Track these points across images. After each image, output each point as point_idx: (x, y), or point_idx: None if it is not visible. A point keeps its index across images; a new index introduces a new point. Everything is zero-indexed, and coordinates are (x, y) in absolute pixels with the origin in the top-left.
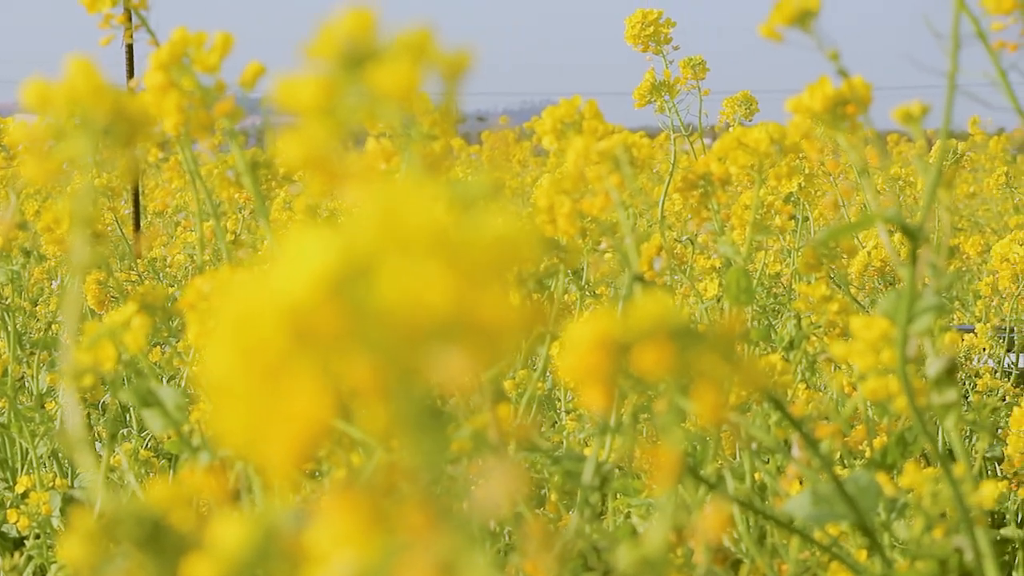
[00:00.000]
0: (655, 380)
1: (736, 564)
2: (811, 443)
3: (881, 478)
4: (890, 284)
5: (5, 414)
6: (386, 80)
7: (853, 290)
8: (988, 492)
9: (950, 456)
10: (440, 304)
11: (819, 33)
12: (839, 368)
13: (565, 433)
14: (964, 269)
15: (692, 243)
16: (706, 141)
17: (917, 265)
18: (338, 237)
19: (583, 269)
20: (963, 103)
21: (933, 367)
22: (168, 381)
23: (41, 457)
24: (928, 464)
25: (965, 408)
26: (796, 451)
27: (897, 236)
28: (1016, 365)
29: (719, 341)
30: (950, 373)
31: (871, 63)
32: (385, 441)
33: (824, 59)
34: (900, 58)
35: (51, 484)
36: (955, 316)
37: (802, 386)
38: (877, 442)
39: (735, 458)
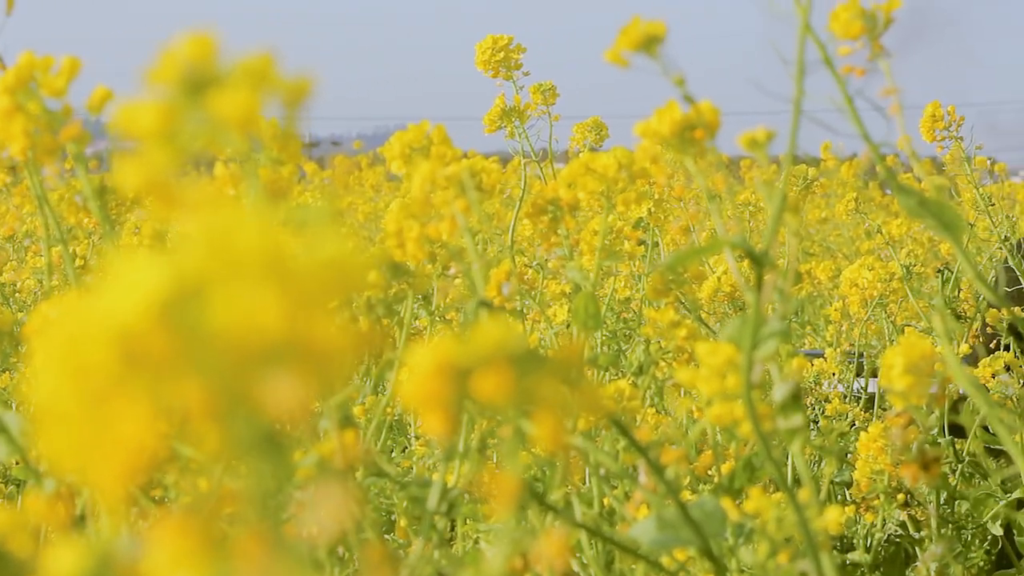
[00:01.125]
0: (496, 406)
1: None
2: (656, 469)
3: (727, 503)
4: (740, 309)
5: None
6: (226, 106)
7: (704, 315)
8: (833, 517)
9: (811, 481)
10: (271, 328)
11: (665, 58)
12: (687, 393)
13: (415, 458)
14: (815, 294)
15: (543, 268)
16: (559, 166)
17: (763, 291)
18: (170, 260)
19: (433, 294)
20: (814, 129)
21: (779, 392)
22: (17, 407)
23: None
24: (777, 489)
25: (814, 433)
26: (643, 477)
27: (745, 262)
28: (865, 390)
29: (559, 367)
30: (795, 398)
31: (724, 88)
32: (219, 466)
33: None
34: (750, 83)
35: None
36: (806, 341)
37: (651, 411)
38: (725, 467)
39: (584, 483)
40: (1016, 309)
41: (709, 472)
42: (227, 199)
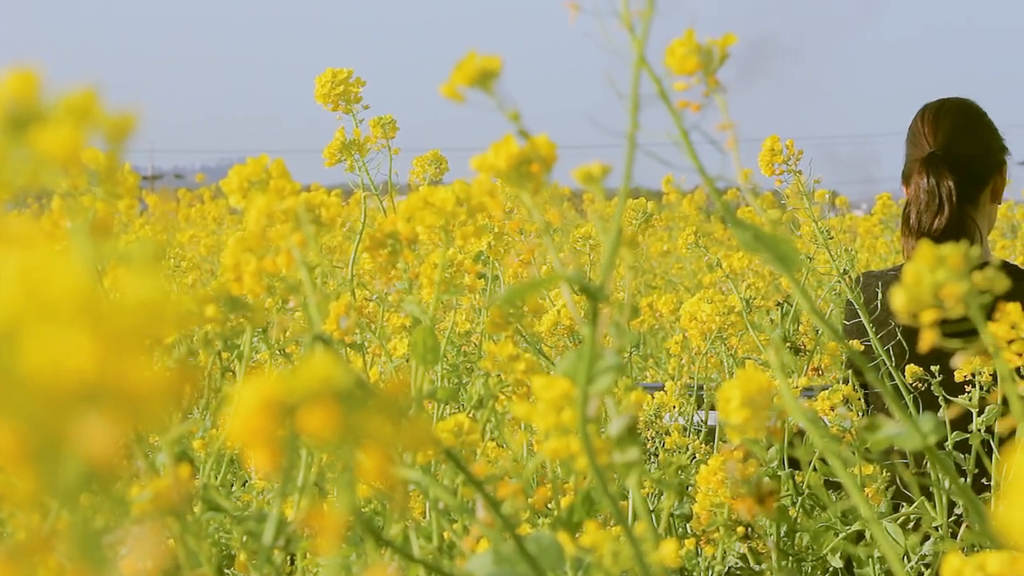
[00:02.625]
0: (323, 442)
1: None
2: (493, 503)
3: (564, 537)
4: (581, 343)
5: None
6: (49, 142)
7: (545, 349)
8: (669, 550)
9: (648, 514)
10: (82, 370)
11: (501, 93)
12: (525, 427)
13: (254, 493)
14: (657, 327)
15: (383, 302)
16: (402, 199)
17: (598, 325)
18: None
19: (272, 328)
20: (655, 162)
21: (615, 426)
22: None
23: None
24: (618, 523)
25: (655, 466)
26: (480, 511)
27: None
28: (705, 423)
29: (387, 402)
30: (631, 432)
31: (566, 122)
32: (35, 506)
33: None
34: (585, 118)
35: None
36: (648, 374)
37: (492, 445)
38: (565, 500)
39: (425, 517)
40: (854, 343)
41: (549, 506)
42: (48, 236)
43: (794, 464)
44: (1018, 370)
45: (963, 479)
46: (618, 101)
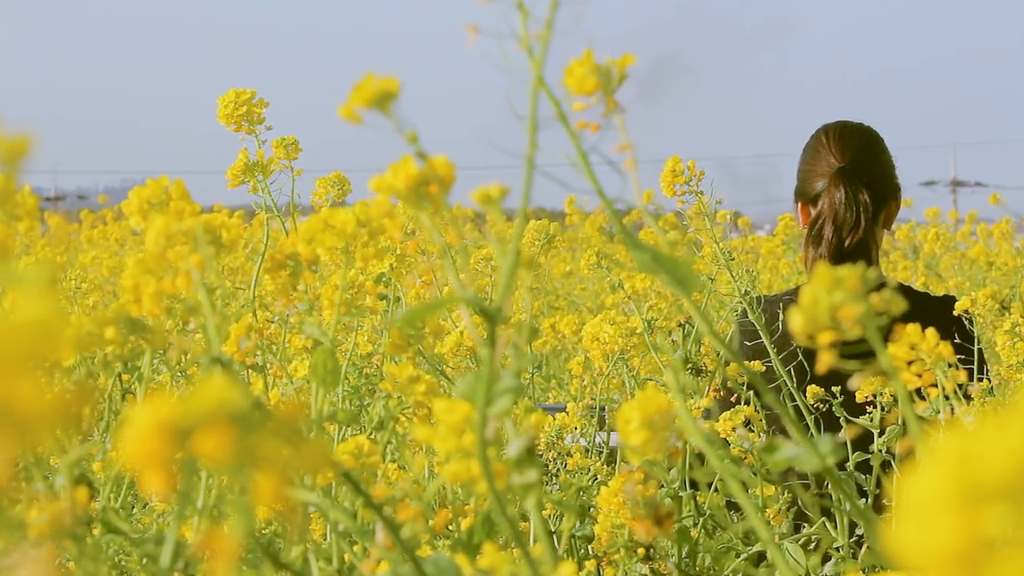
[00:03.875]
0: (218, 464)
1: None
2: (391, 525)
3: (462, 559)
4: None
5: None
6: None
7: (448, 370)
8: (568, 572)
9: (547, 536)
10: None
11: (399, 115)
12: (426, 450)
13: (155, 515)
14: (560, 348)
15: (285, 323)
16: (305, 220)
17: (496, 346)
18: None
19: (171, 349)
20: (556, 183)
21: (514, 448)
22: None
23: None
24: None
25: (556, 487)
26: (379, 534)
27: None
28: (607, 444)
29: (282, 425)
30: (530, 453)
31: (469, 143)
32: None
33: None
34: (483, 140)
35: None
36: (551, 395)
37: (393, 467)
38: (465, 522)
39: (326, 540)
40: (755, 364)
41: (450, 528)
42: None
43: (696, 485)
44: (919, 391)
45: (864, 499)
46: (518, 122)
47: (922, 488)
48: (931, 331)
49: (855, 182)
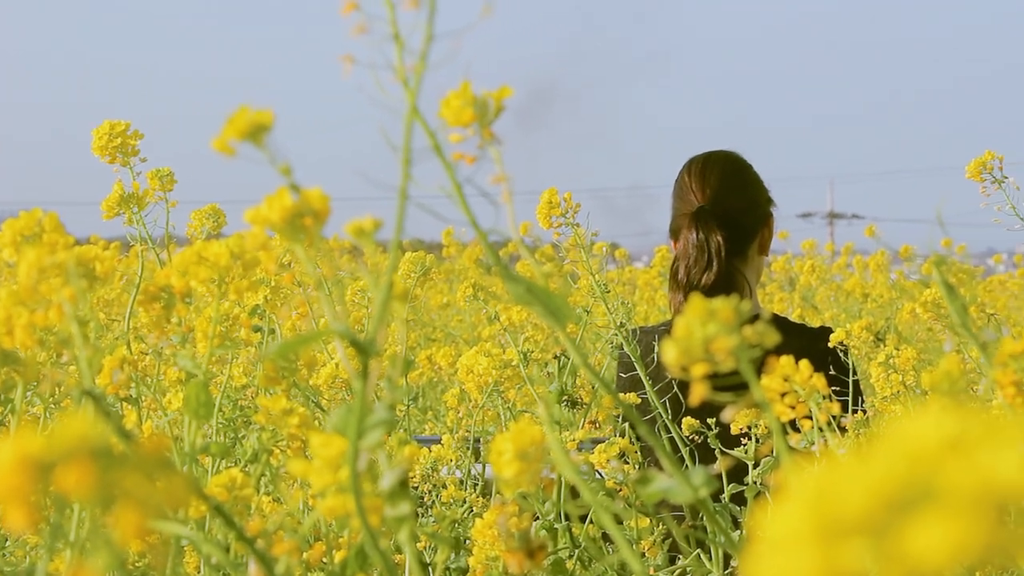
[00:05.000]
0: (81, 499)
1: None
2: (263, 559)
3: None
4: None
5: None
6: None
7: (325, 402)
8: None
9: (421, 568)
10: None
11: (273, 147)
12: (301, 483)
13: (28, 548)
14: (436, 380)
15: (160, 355)
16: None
17: (369, 379)
18: None
19: (44, 381)
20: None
21: (386, 480)
22: None
23: None
24: None
25: (431, 519)
26: (252, 567)
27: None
28: (482, 475)
29: (145, 459)
30: (403, 486)
31: (344, 174)
32: None
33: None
34: (370, 170)
35: None
36: (427, 427)
37: (268, 499)
38: (339, 555)
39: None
40: (631, 395)
41: (324, 561)
42: None
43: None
44: (793, 422)
45: (739, 531)
46: (395, 154)
47: (781, 521)
48: (804, 363)
49: (708, 223)
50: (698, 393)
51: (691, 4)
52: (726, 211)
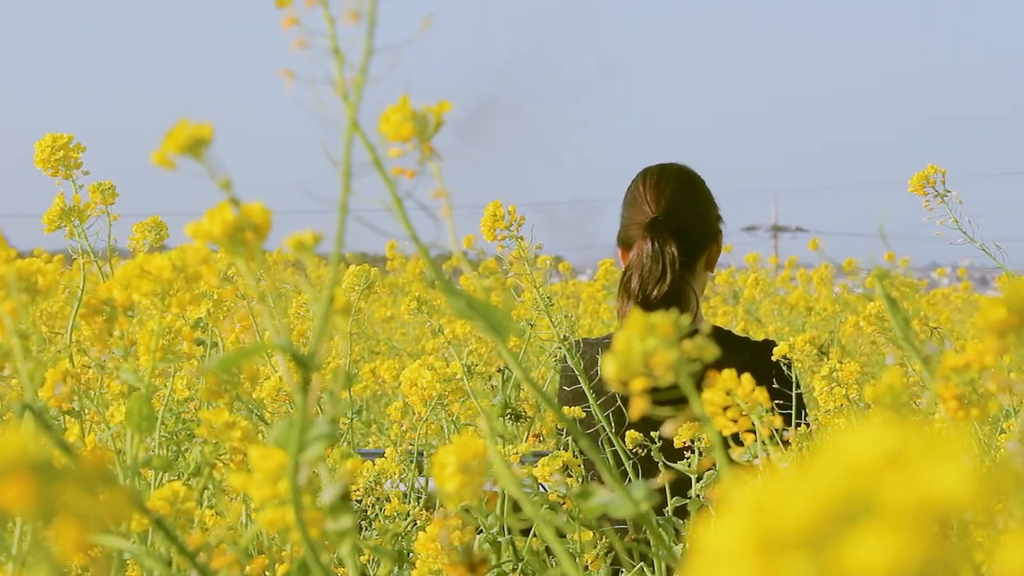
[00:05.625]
0: (21, 514)
1: None
2: (205, 572)
3: None
4: None
5: None
6: None
7: (268, 415)
8: None
9: None
10: None
11: (213, 161)
12: (242, 496)
13: None
14: (380, 393)
15: (102, 368)
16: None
17: (310, 393)
18: None
19: None
20: (376, 228)
21: (328, 494)
22: None
23: None
24: None
25: (375, 533)
26: None
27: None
28: (426, 489)
29: (85, 473)
30: (344, 500)
31: (288, 188)
32: None
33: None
34: (313, 185)
35: None
36: (371, 440)
37: (210, 513)
38: (281, 569)
39: None
40: (575, 409)
41: (266, 574)
42: None
43: (520, 529)
44: (736, 436)
45: (682, 544)
46: (336, 168)
47: (721, 535)
48: (747, 377)
49: (664, 234)
50: (638, 407)
51: (636, 18)
52: (679, 223)
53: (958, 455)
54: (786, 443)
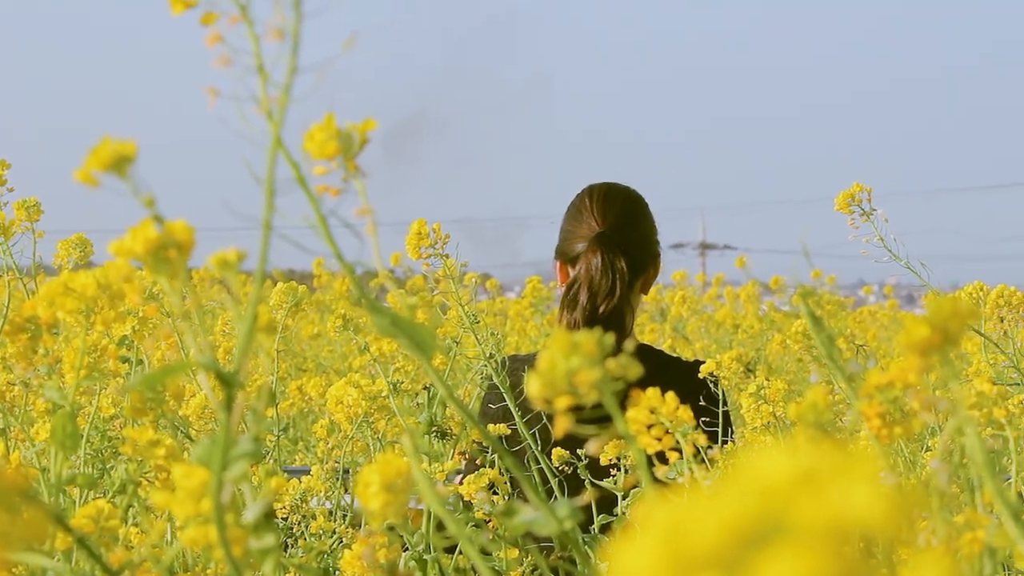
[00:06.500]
0: None
1: None
2: None
3: None
4: None
5: None
6: None
7: (194, 433)
8: None
9: None
10: None
11: (137, 178)
12: (168, 514)
13: None
14: (307, 411)
15: (27, 386)
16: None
17: (234, 411)
18: None
19: None
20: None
21: (251, 512)
22: None
23: None
24: None
25: (301, 551)
26: None
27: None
28: (351, 506)
29: (8, 491)
30: (267, 518)
31: (214, 205)
32: None
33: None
34: (240, 202)
35: None
36: (298, 458)
37: (135, 531)
38: None
39: None
40: (501, 426)
41: None
42: None
43: (449, 548)
44: (662, 454)
45: (607, 562)
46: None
47: (634, 555)
48: (671, 395)
49: (613, 248)
50: (562, 426)
51: (565, 35)
52: (625, 241)
53: (872, 474)
54: (712, 461)
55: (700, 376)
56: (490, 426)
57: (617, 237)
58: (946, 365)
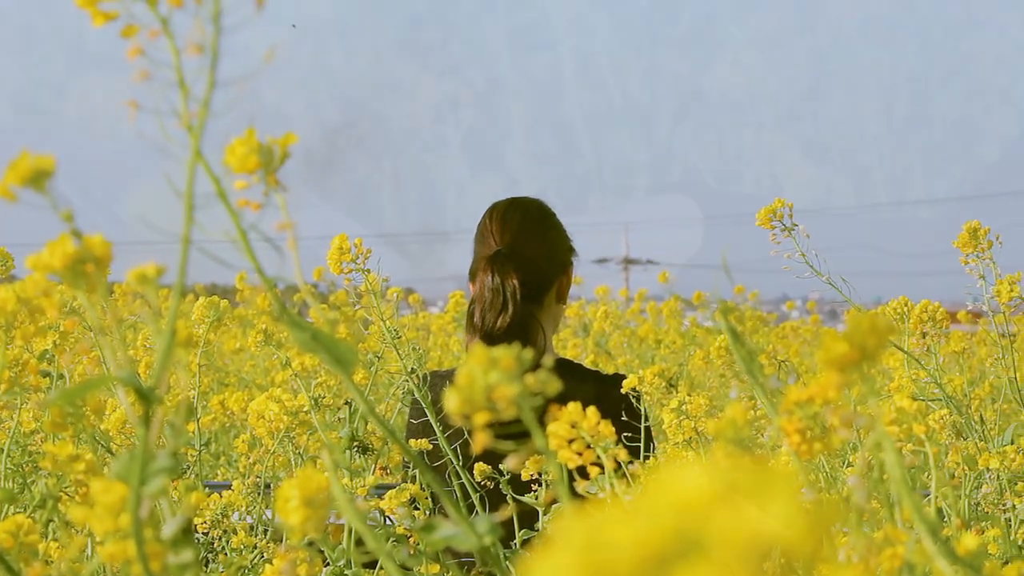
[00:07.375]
0: None
1: None
2: None
3: None
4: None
5: None
6: None
7: (115, 447)
8: None
9: None
10: None
11: (56, 192)
12: (88, 529)
13: None
14: (229, 425)
15: None
16: None
17: (152, 426)
18: None
19: None
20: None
21: (169, 528)
22: None
23: None
24: None
25: (221, 567)
26: None
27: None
28: (272, 521)
29: None
30: (186, 533)
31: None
32: None
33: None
34: (157, 216)
35: None
36: (220, 472)
37: (55, 546)
38: None
39: None
40: (422, 441)
41: None
42: None
43: (368, 564)
44: (582, 469)
45: None
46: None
47: (548, 572)
48: (592, 409)
49: (505, 267)
50: (480, 441)
51: (491, 46)
52: (524, 257)
53: (792, 490)
54: (633, 476)
55: (623, 391)
56: (411, 441)
57: (513, 254)
58: (866, 381)
